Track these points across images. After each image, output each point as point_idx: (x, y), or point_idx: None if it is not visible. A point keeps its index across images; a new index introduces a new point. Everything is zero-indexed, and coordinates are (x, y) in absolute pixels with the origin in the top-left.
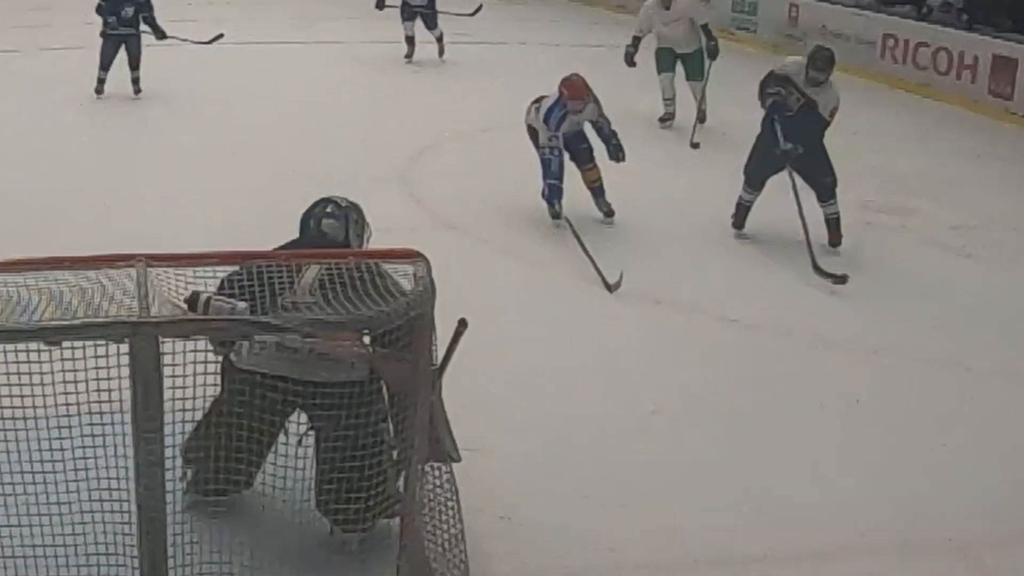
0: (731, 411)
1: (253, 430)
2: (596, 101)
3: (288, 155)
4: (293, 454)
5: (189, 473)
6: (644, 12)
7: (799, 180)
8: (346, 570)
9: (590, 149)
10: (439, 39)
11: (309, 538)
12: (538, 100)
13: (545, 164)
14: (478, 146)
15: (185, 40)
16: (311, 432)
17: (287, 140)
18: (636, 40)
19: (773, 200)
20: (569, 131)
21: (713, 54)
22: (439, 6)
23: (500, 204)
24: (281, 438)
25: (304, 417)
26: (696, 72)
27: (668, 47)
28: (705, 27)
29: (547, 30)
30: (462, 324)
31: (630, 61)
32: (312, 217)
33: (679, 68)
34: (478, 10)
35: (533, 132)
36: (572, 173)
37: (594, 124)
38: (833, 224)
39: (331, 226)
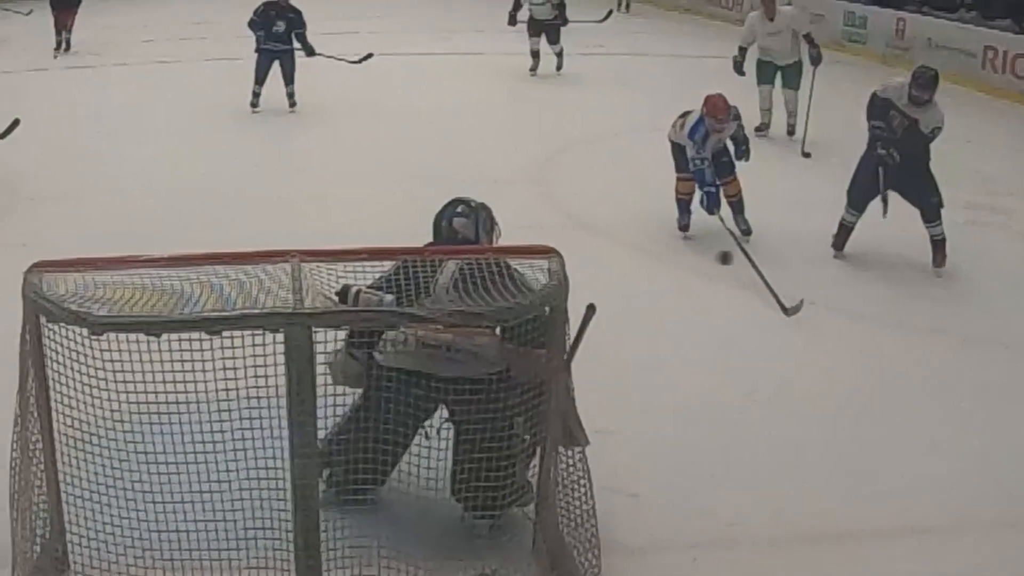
0: (839, 397)
1: (395, 427)
2: (738, 118)
3: (429, 160)
4: (426, 446)
5: (326, 472)
6: (749, 23)
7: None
8: (483, 547)
9: (731, 163)
10: (559, 54)
11: (445, 520)
12: (683, 116)
13: (698, 175)
14: (607, 151)
15: (331, 57)
16: (448, 425)
17: (428, 146)
18: (742, 50)
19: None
20: (715, 144)
21: (816, 61)
22: (570, 15)
23: (629, 205)
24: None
25: (443, 413)
26: (792, 82)
27: (769, 60)
28: (808, 36)
29: (666, 42)
30: (590, 309)
31: (739, 70)
32: (444, 216)
33: (777, 80)
34: (608, 16)
35: (677, 148)
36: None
37: (732, 135)
38: (938, 245)
39: (462, 224)
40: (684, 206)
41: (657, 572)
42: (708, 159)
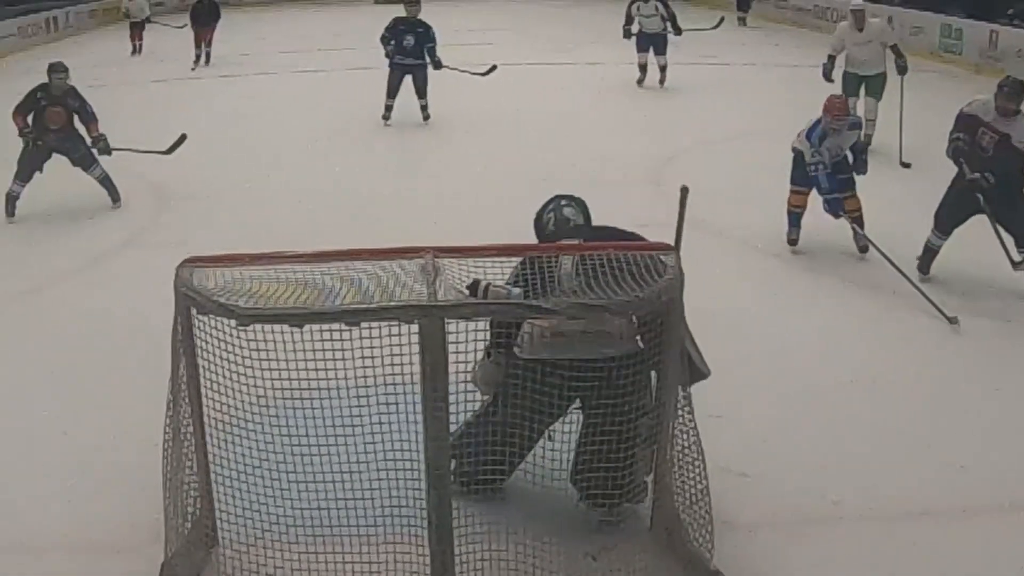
0: (934, 385)
1: (528, 421)
2: (858, 127)
3: (552, 163)
4: (551, 447)
5: (453, 464)
6: (838, 32)
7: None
8: (604, 525)
9: (851, 179)
10: (663, 68)
11: (564, 503)
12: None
13: (816, 182)
14: (720, 154)
15: (458, 70)
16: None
17: (551, 150)
18: (831, 58)
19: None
20: (832, 148)
21: (902, 71)
22: (682, 23)
23: (741, 205)
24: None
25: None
26: (875, 91)
27: (854, 71)
28: (895, 47)
29: (774, 52)
30: (684, 191)
31: (827, 77)
32: (550, 210)
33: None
34: (720, 22)
35: (798, 157)
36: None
37: (852, 147)
38: None
39: (571, 212)
40: (795, 219)
41: (766, 547)
42: (825, 164)
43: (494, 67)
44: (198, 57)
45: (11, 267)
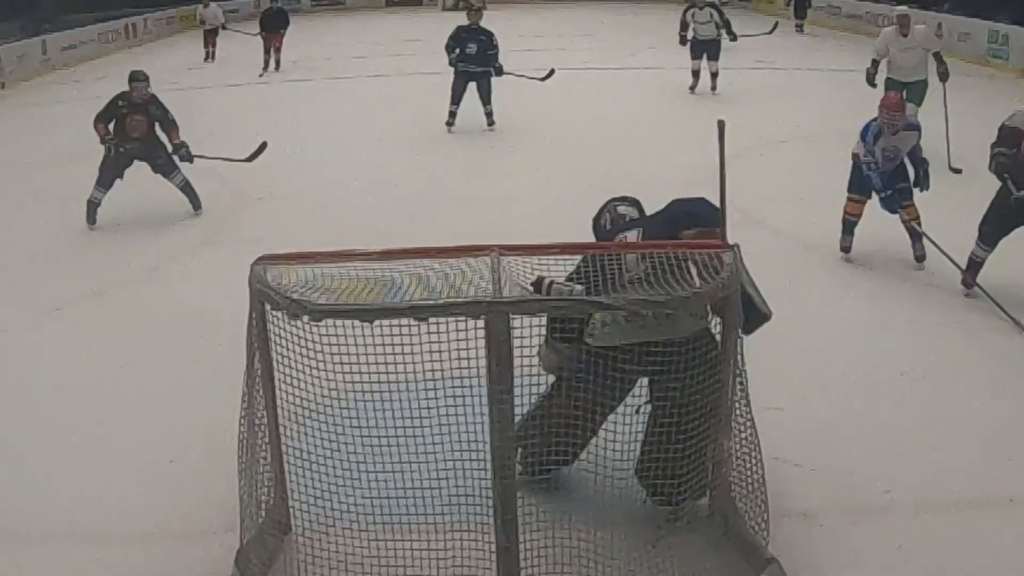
0: (985, 376)
1: (594, 407)
2: (916, 128)
3: (613, 164)
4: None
5: (519, 452)
6: (883, 38)
7: None
8: (663, 514)
9: (909, 188)
10: (714, 74)
11: (622, 494)
12: None
13: (866, 181)
14: (776, 156)
15: (521, 76)
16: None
17: (612, 152)
18: (875, 63)
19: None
20: (888, 149)
21: (944, 78)
22: (737, 30)
23: (798, 204)
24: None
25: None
26: (916, 98)
27: (896, 78)
28: (937, 54)
29: (828, 57)
30: (721, 125)
31: (871, 81)
32: (605, 212)
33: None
34: (775, 28)
35: (856, 160)
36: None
37: (910, 152)
38: None
39: (625, 208)
40: (849, 227)
41: (820, 535)
42: (877, 164)
43: (552, 72)
44: (267, 63)
45: (91, 264)
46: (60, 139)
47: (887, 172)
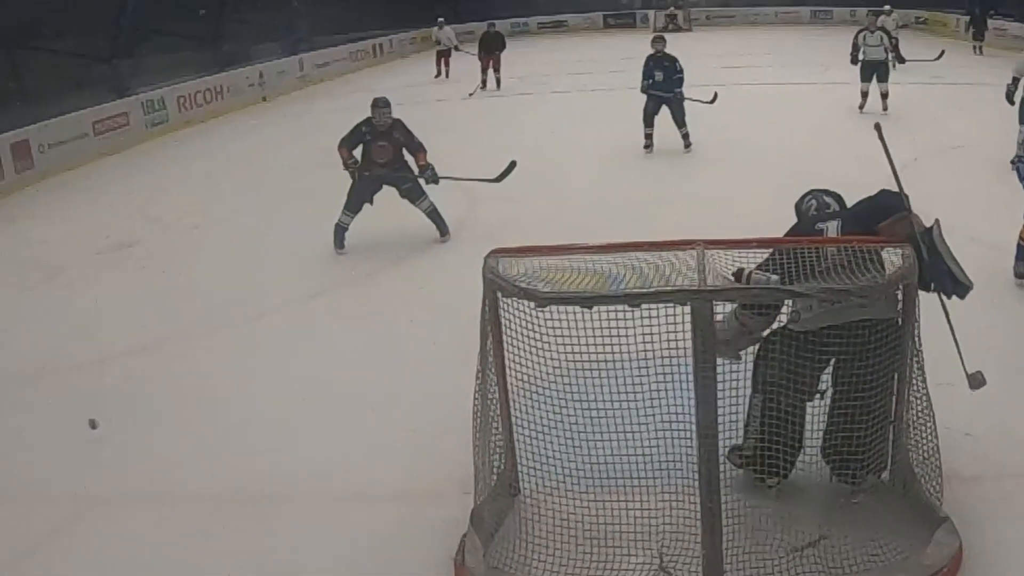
0: None
1: (804, 389)
2: None
3: (802, 165)
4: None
5: (749, 452)
6: (1022, 58)
7: None
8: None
9: None
10: (884, 95)
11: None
12: None
13: (1019, 175)
14: (948, 161)
15: (695, 100)
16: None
17: (801, 155)
18: (1016, 80)
19: None
20: None
21: None
22: (906, 54)
23: (970, 205)
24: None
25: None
26: None
27: None
28: None
29: (995, 74)
30: (878, 127)
31: (1010, 99)
32: (810, 198)
33: None
34: (941, 55)
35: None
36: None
37: None
38: None
39: (830, 200)
40: (1022, 252)
41: (988, 496)
42: None
43: (716, 95)
44: (484, 83)
45: (345, 256)
46: (314, 145)
47: None
